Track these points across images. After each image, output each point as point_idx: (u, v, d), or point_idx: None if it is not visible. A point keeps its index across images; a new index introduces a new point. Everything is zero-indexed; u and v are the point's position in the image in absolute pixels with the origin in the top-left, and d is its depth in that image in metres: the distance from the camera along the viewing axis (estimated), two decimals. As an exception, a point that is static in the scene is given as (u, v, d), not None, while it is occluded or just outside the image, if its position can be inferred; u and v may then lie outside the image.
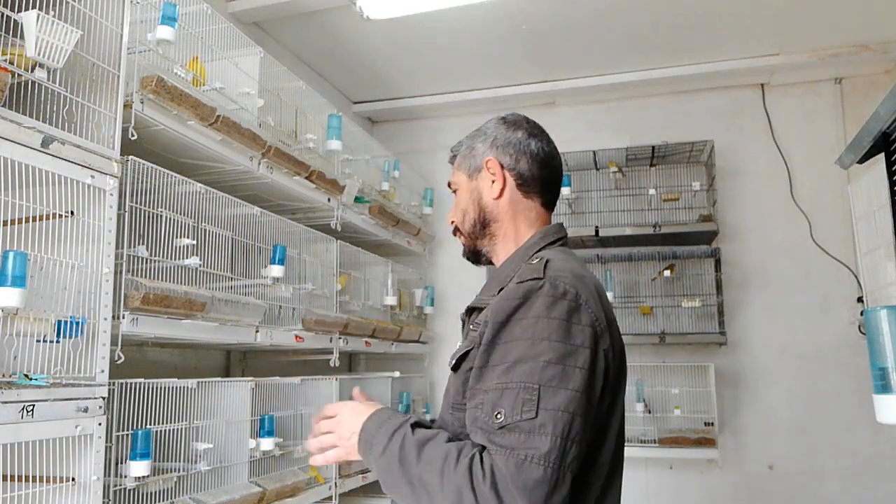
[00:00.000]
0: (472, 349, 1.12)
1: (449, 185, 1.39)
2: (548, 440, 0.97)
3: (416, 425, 1.11)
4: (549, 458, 0.96)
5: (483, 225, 1.30)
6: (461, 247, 1.37)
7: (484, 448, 1.01)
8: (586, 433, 1.02)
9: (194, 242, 1.85)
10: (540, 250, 1.23)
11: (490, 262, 1.34)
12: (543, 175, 1.30)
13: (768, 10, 2.92)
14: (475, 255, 1.34)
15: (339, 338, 2.63)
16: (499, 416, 1.00)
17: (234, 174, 2.17)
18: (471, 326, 1.20)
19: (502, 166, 1.29)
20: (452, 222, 1.37)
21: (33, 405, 1.29)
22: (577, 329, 1.05)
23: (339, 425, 1.20)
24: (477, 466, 0.98)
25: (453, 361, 1.17)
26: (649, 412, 3.32)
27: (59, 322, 1.36)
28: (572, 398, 1.01)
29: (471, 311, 1.24)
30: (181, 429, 1.80)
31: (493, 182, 1.28)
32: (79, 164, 1.44)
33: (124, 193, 1.60)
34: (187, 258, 1.82)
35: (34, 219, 1.39)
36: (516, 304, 1.07)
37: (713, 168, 3.38)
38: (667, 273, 3.41)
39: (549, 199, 1.33)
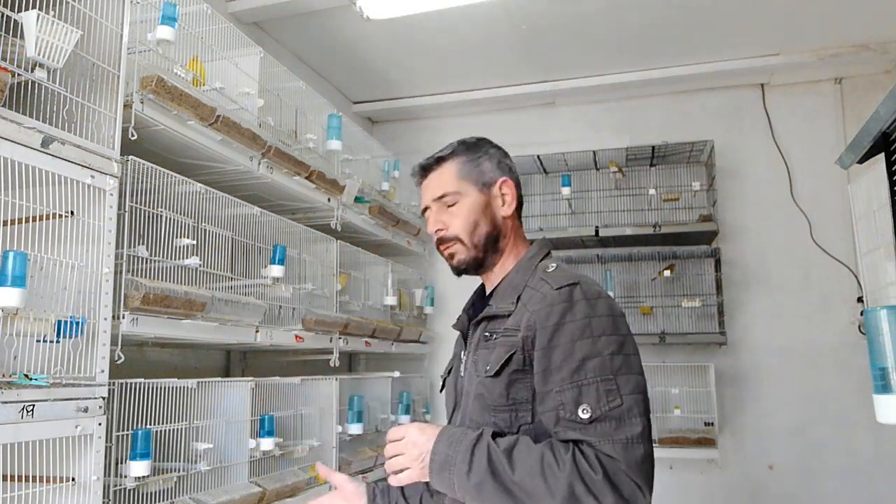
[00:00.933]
0: (514, 353, 1.20)
1: (444, 194, 1.36)
2: (638, 420, 1.11)
3: (496, 434, 1.16)
4: (643, 435, 1.11)
5: (495, 240, 1.36)
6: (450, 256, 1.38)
7: (578, 443, 1.10)
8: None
9: (194, 242, 1.85)
10: (541, 260, 1.33)
11: (482, 271, 1.39)
12: (521, 199, 1.44)
13: (768, 10, 2.92)
14: (476, 266, 1.37)
15: (339, 338, 2.63)
16: (585, 411, 1.11)
17: (234, 174, 2.17)
18: (487, 334, 1.28)
19: (516, 189, 1.39)
20: (439, 230, 1.36)
21: (33, 405, 1.29)
22: (620, 321, 1.20)
23: (408, 447, 1.21)
24: (581, 460, 1.08)
25: (493, 368, 1.21)
26: (649, 412, 3.31)
27: (59, 322, 1.36)
28: (639, 381, 1.16)
29: (482, 320, 1.31)
30: (181, 429, 1.80)
31: (505, 202, 1.37)
32: (79, 164, 1.44)
33: (124, 193, 1.60)
34: (187, 258, 1.82)
35: (34, 219, 1.39)
36: (563, 307, 1.18)
37: (713, 168, 3.38)
38: (667, 273, 3.41)
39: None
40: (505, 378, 1.20)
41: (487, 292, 1.40)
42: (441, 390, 1.47)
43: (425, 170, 1.40)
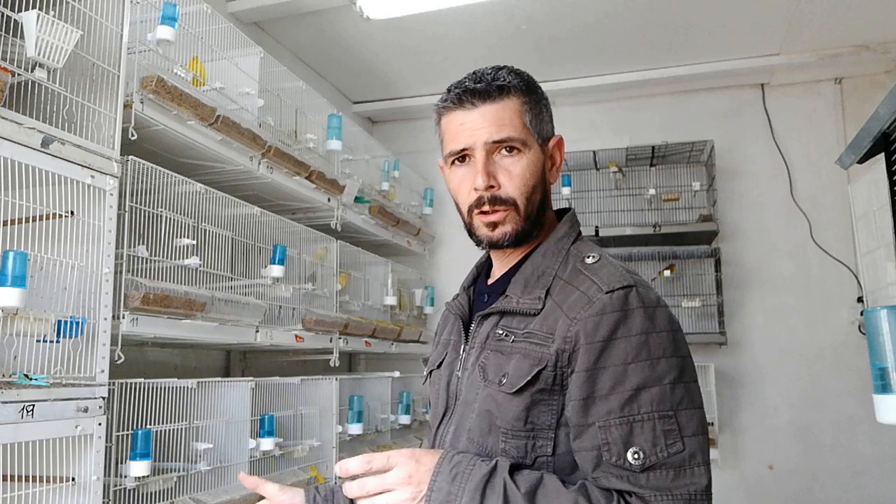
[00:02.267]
0: (543, 369, 0.94)
1: (508, 138, 1.02)
2: (703, 471, 0.89)
3: (516, 469, 0.92)
4: (709, 490, 0.89)
5: (542, 210, 1.07)
6: (488, 227, 1.05)
7: (624, 493, 0.89)
8: None
9: (194, 242, 1.85)
10: (573, 242, 1.07)
11: (508, 247, 1.08)
12: None
13: (768, 10, 2.92)
14: (518, 243, 1.06)
15: (339, 338, 2.63)
16: (637, 455, 0.88)
17: (234, 174, 2.17)
18: (500, 333, 1.02)
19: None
20: (491, 186, 1.02)
21: (33, 405, 1.29)
22: (680, 337, 0.95)
23: (399, 481, 0.91)
24: None
25: (517, 384, 0.96)
26: (649, 412, 3.31)
27: (59, 322, 1.36)
28: (702, 417, 0.93)
29: (490, 314, 1.06)
30: (181, 429, 1.80)
31: (554, 165, 1.10)
32: (79, 164, 1.44)
33: (124, 193, 1.60)
34: (187, 258, 1.82)
35: (34, 219, 1.39)
36: (615, 318, 0.92)
37: (713, 168, 3.38)
38: (667, 273, 3.41)
39: None
40: (527, 398, 0.95)
41: (498, 272, 1.12)
42: (424, 382, 1.22)
43: (479, 97, 1.04)
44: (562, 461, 0.95)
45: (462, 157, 1.05)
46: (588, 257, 1.01)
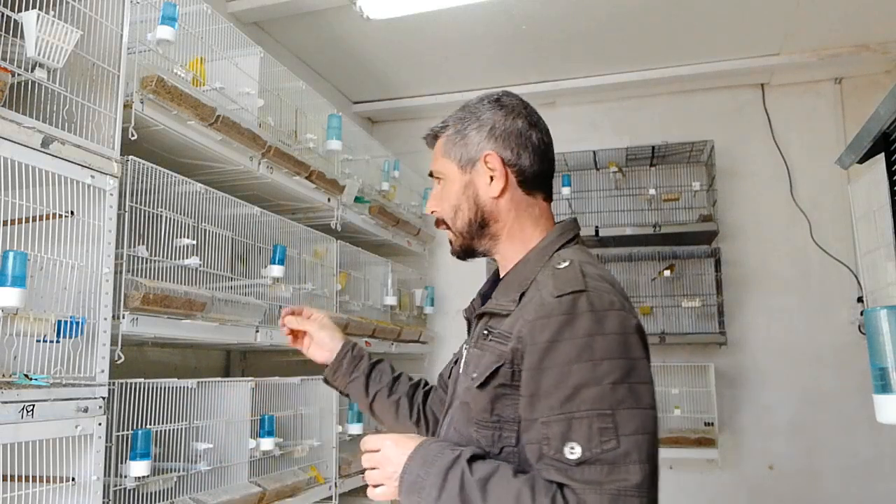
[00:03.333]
0: (502, 365, 1.03)
1: (431, 173, 1.23)
2: (638, 469, 0.93)
3: (473, 458, 1.00)
4: (641, 487, 0.93)
5: (481, 225, 1.17)
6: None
7: (562, 485, 0.93)
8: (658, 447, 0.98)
9: (194, 242, 1.85)
10: (558, 250, 1.13)
11: (485, 255, 1.23)
12: (544, 170, 1.19)
13: (768, 10, 2.92)
14: (468, 254, 1.22)
15: (339, 338, 2.63)
16: (573, 449, 0.93)
17: (234, 174, 2.17)
18: (484, 333, 1.11)
19: (504, 162, 1.15)
20: (433, 212, 1.23)
21: (33, 405, 1.29)
22: (633, 340, 0.99)
23: (382, 462, 1.06)
24: None
25: (479, 378, 1.05)
26: (649, 412, 3.31)
27: (59, 322, 1.36)
28: (647, 417, 0.97)
29: (482, 315, 1.15)
30: (181, 429, 1.80)
31: (493, 179, 1.15)
32: (79, 164, 1.44)
33: (124, 193, 1.60)
34: (187, 258, 1.82)
35: (34, 219, 1.39)
36: (560, 320, 0.98)
37: (713, 168, 3.38)
38: (667, 273, 3.41)
39: (549, 194, 1.22)
40: (491, 391, 1.04)
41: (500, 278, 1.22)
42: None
43: (428, 142, 1.27)
44: (526, 452, 1.02)
45: None
46: (562, 262, 1.07)
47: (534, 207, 1.19)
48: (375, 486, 1.07)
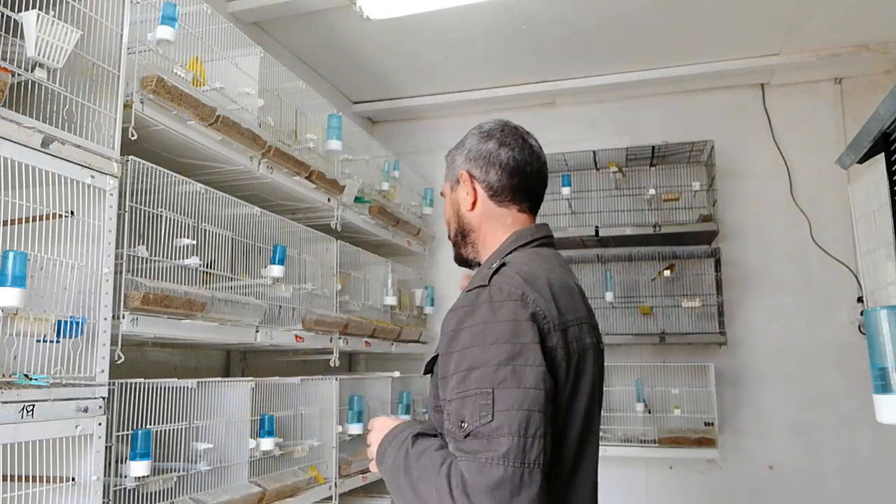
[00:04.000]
0: (437, 356, 1.20)
1: (441, 193, 1.46)
2: (506, 440, 1.01)
3: (418, 436, 1.18)
4: (507, 457, 1.00)
5: (463, 235, 1.37)
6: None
7: (455, 455, 1.07)
8: (549, 427, 1.05)
9: (194, 242, 1.85)
10: (509, 254, 1.26)
11: (478, 264, 1.39)
12: (514, 184, 1.32)
13: (768, 10, 2.92)
14: (463, 262, 1.41)
15: (339, 338, 2.63)
16: (464, 424, 1.05)
17: (234, 174, 2.17)
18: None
19: (472, 178, 1.34)
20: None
21: (33, 405, 1.29)
22: (526, 326, 1.08)
23: (372, 438, 1.27)
24: (452, 474, 1.04)
25: (427, 368, 1.25)
26: (649, 412, 3.32)
27: (59, 322, 1.36)
28: (526, 395, 1.04)
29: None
30: (181, 429, 1.80)
31: (467, 194, 1.34)
32: (79, 164, 1.44)
33: (124, 193, 1.60)
34: (187, 258, 1.82)
35: (34, 219, 1.39)
36: (463, 311, 1.13)
37: (713, 168, 3.38)
38: (667, 273, 3.41)
39: (528, 205, 1.35)
40: (434, 379, 1.22)
41: None
42: None
43: None
44: None
45: None
46: (495, 264, 1.20)
47: (506, 217, 1.33)
48: (371, 460, 1.26)
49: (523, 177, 1.33)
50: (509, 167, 1.32)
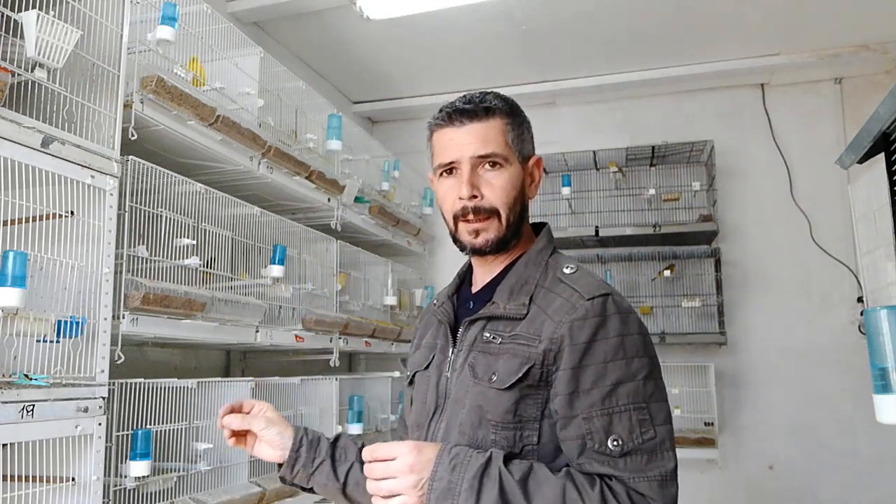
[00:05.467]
0: (532, 367, 1.04)
1: (492, 153, 1.12)
2: (671, 455, 1.00)
3: (509, 459, 1.01)
4: (676, 472, 1.00)
5: (521, 222, 1.18)
6: (475, 232, 1.14)
7: (605, 477, 0.99)
8: None
9: (194, 242, 1.85)
10: (551, 255, 1.18)
11: (498, 252, 1.17)
12: None
13: (768, 10, 2.92)
14: (502, 249, 1.16)
15: (339, 338, 2.63)
16: (616, 442, 0.99)
17: (234, 174, 2.17)
18: (489, 336, 1.10)
19: (539, 166, 1.21)
20: (475, 196, 1.12)
21: (33, 405, 1.29)
22: (649, 340, 1.08)
23: (402, 470, 1.00)
24: (610, 497, 0.96)
25: (508, 381, 1.05)
26: (649, 412, 3.31)
27: (59, 322, 1.36)
28: (669, 408, 1.05)
29: (477, 319, 1.13)
30: (181, 429, 1.80)
31: (533, 182, 1.20)
32: (79, 164, 1.44)
33: (124, 193, 1.60)
34: (187, 258, 1.82)
35: (34, 219, 1.39)
36: (595, 322, 1.03)
37: (713, 168, 3.38)
38: (667, 273, 3.41)
39: None
40: (516, 392, 1.05)
41: (482, 281, 1.21)
42: (409, 384, 1.27)
43: (467, 116, 1.16)
44: (545, 450, 1.05)
45: (450, 169, 1.16)
46: (566, 268, 1.13)
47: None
48: (391, 497, 1.00)
49: None
50: None
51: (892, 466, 3.13)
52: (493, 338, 1.10)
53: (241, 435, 1.26)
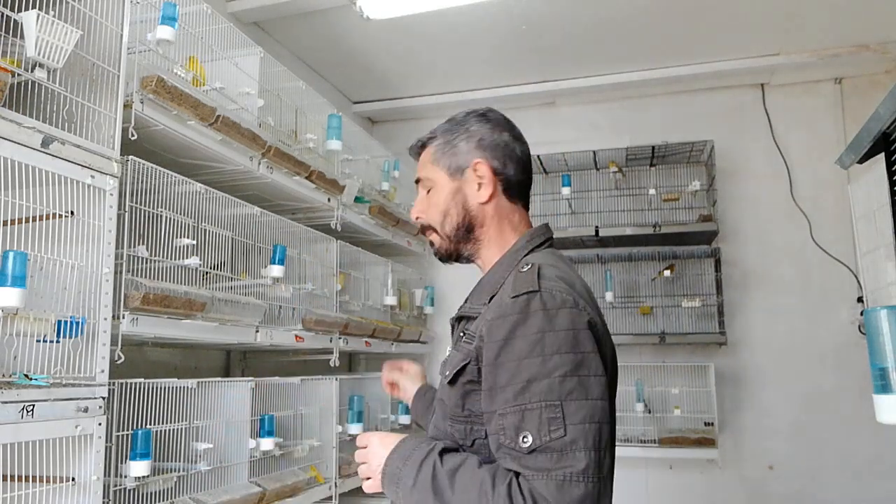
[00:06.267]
0: (468, 363, 1.11)
1: (418, 180, 1.31)
2: (583, 455, 0.97)
3: (444, 452, 1.09)
4: (587, 473, 0.97)
5: (468, 230, 1.25)
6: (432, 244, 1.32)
7: (518, 473, 1.00)
8: (613, 439, 1.06)
9: (194, 242, 1.85)
10: (527, 254, 1.21)
11: (469, 261, 1.31)
12: (524, 179, 1.30)
13: (768, 10, 2.92)
14: (452, 257, 1.29)
15: (339, 338, 2.63)
16: (525, 439, 0.99)
17: (234, 174, 2.17)
18: (461, 335, 1.19)
19: (493, 171, 1.25)
20: (418, 218, 1.30)
21: (33, 405, 1.29)
22: (584, 336, 1.04)
23: (369, 456, 1.17)
24: (516, 493, 0.97)
25: (450, 374, 1.14)
26: (649, 412, 3.32)
27: (59, 322, 1.36)
28: (595, 407, 1.01)
29: (460, 318, 1.24)
30: (181, 429, 1.80)
31: (481, 186, 1.24)
32: (79, 164, 1.44)
33: (124, 193, 1.60)
34: (187, 258, 1.82)
35: (34, 219, 1.39)
36: (514, 319, 1.05)
37: (713, 168, 3.38)
38: (667, 273, 3.41)
39: (527, 202, 1.33)
40: (460, 387, 1.12)
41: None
42: None
43: (414, 154, 1.35)
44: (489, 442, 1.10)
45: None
46: (523, 266, 1.15)
47: (514, 214, 1.28)
48: (365, 480, 1.17)
49: (530, 174, 1.32)
50: (522, 162, 1.28)
51: (892, 466, 3.13)
52: (462, 335, 1.19)
53: (395, 386, 1.67)
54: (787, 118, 3.51)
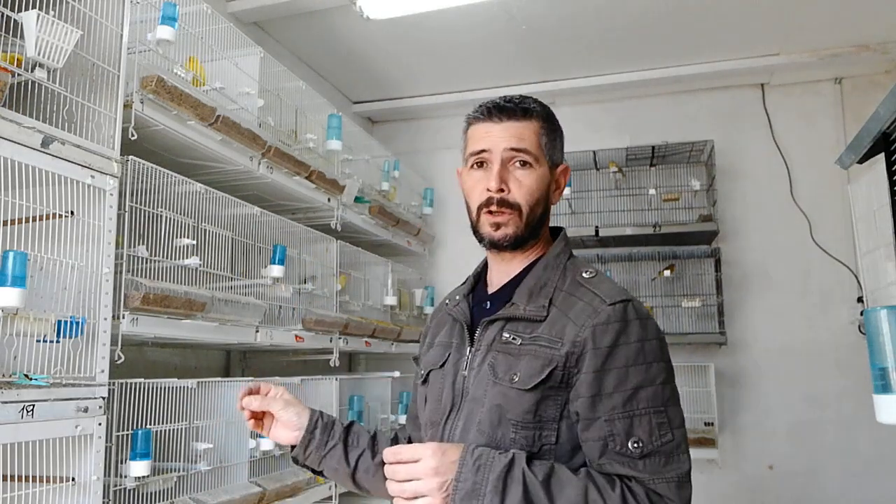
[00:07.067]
0: (554, 369, 1.07)
1: (524, 150, 1.16)
2: (686, 457, 1.06)
3: (532, 460, 1.04)
4: (690, 473, 1.06)
5: (541, 223, 1.21)
6: (493, 225, 1.17)
7: (625, 478, 1.03)
8: None
9: (194, 242, 1.85)
10: (567, 259, 1.23)
11: (514, 250, 1.20)
12: None
13: (768, 10, 2.92)
14: (517, 245, 1.19)
15: (339, 338, 2.63)
16: (637, 444, 1.03)
17: (234, 174, 2.17)
18: (508, 337, 1.12)
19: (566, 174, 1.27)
20: (502, 190, 1.15)
21: (33, 405, 1.29)
22: (665, 345, 1.12)
23: (426, 472, 1.01)
24: (630, 498, 1.01)
25: (531, 381, 1.07)
26: (649, 412, 3.31)
27: (59, 322, 1.36)
28: (682, 412, 1.09)
29: (508, 318, 1.15)
30: (181, 429, 1.80)
31: (559, 189, 1.25)
32: (79, 164, 1.44)
33: (124, 193, 1.60)
34: (187, 258, 1.82)
35: (34, 219, 1.39)
36: (617, 327, 1.07)
37: (713, 168, 3.38)
38: (667, 273, 3.41)
39: None
40: (538, 393, 1.08)
41: (498, 282, 1.23)
42: (423, 382, 1.28)
43: (505, 113, 1.19)
44: (562, 449, 1.09)
45: (480, 161, 1.19)
46: (585, 272, 1.17)
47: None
48: (413, 499, 1.02)
49: None
50: None
51: (892, 466, 3.13)
52: (513, 338, 1.13)
53: (258, 418, 1.34)
54: (787, 118, 3.51)
